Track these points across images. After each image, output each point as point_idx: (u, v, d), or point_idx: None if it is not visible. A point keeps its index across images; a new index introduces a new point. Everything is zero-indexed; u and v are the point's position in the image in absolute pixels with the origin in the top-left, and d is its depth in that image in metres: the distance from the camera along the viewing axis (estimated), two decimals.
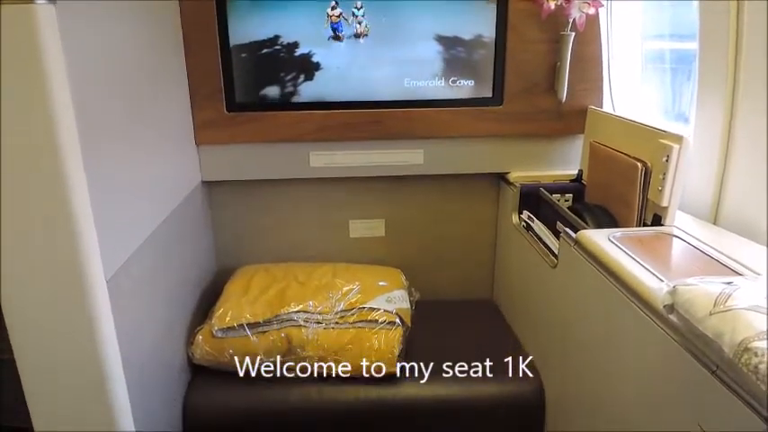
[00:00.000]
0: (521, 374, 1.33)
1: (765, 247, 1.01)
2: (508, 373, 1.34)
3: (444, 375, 1.32)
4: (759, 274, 0.86)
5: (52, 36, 0.73)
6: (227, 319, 1.30)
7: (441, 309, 1.64)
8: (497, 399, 1.30)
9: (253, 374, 1.30)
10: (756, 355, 0.58)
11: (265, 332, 1.29)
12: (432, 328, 1.51)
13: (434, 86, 1.49)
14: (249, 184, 1.59)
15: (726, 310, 0.64)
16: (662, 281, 0.85)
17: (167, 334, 1.20)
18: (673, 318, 0.76)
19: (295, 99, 1.48)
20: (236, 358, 1.28)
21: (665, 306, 0.75)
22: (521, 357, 1.40)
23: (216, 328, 1.29)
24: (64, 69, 0.75)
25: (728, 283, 0.70)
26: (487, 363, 1.38)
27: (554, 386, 1.27)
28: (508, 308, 1.62)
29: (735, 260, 0.93)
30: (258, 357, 1.28)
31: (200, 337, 1.29)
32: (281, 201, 1.63)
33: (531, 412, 1.31)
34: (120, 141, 0.96)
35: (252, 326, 1.29)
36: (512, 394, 1.30)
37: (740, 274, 0.87)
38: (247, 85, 1.46)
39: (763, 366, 0.57)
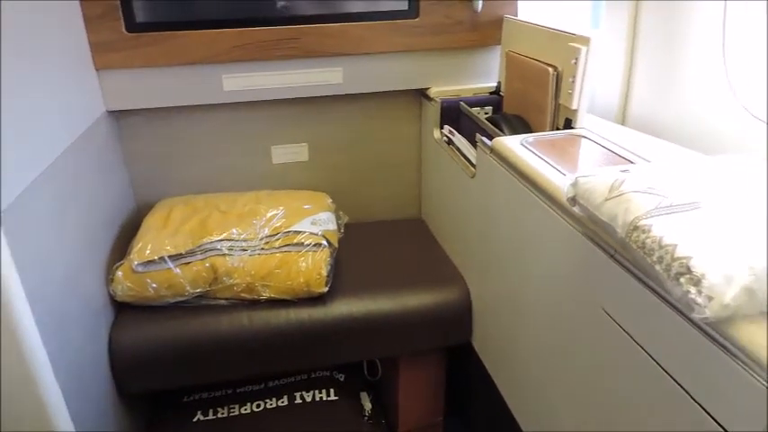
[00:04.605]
0: (447, 284, 1.39)
1: (668, 143, 1.06)
2: (436, 284, 1.39)
3: (374, 291, 1.35)
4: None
5: None
6: (147, 252, 1.26)
7: (370, 230, 1.66)
8: (426, 308, 1.34)
9: (180, 307, 1.29)
10: (644, 231, 0.61)
11: (189, 263, 1.27)
12: (361, 249, 1.52)
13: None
14: (161, 112, 1.50)
15: (619, 195, 0.67)
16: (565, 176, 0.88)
17: (84, 272, 1.15)
18: (576, 209, 0.79)
19: (203, 16, 1.38)
20: (160, 292, 1.25)
21: (568, 198, 0.78)
22: (447, 268, 1.45)
23: (136, 262, 1.25)
24: None
25: (624, 170, 0.73)
26: (416, 276, 1.43)
27: (478, 291, 1.32)
28: (435, 223, 1.65)
29: (637, 155, 0.97)
30: (184, 289, 1.26)
31: (119, 274, 1.25)
32: (197, 129, 1.56)
33: (459, 318, 1.36)
34: None
35: (174, 258, 1.26)
36: (440, 302, 1.35)
37: None
38: (149, 1, 1.35)
39: (649, 241, 0.60)
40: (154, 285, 1.25)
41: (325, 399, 1.49)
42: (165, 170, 1.57)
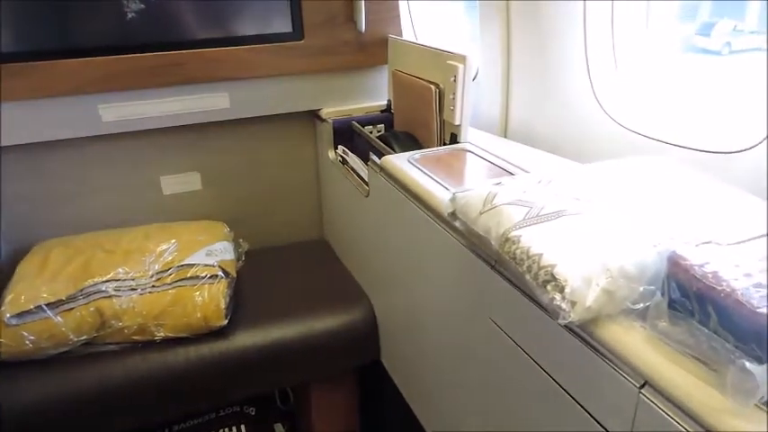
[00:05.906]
0: (352, 304, 1.38)
1: (544, 152, 1.12)
2: (341, 305, 1.38)
3: (278, 318, 1.32)
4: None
5: None
6: (22, 301, 1.15)
7: (273, 255, 1.62)
8: (332, 330, 1.32)
9: (64, 358, 1.18)
10: (514, 242, 0.64)
11: (71, 309, 1.17)
12: (263, 276, 1.48)
13: (234, 23, 1.40)
14: (32, 148, 1.38)
15: (491, 208, 0.70)
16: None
17: None
18: (457, 224, 0.81)
19: (71, 45, 1.30)
20: (40, 344, 1.15)
21: (448, 214, 0.80)
22: (352, 288, 1.44)
23: (8, 315, 1.13)
24: None
25: (497, 183, 0.76)
26: (320, 299, 1.41)
27: (383, 308, 1.32)
28: (337, 243, 1.64)
29: (516, 165, 1.02)
30: (67, 338, 1.16)
31: None
32: (75, 164, 1.46)
33: (365, 337, 1.36)
34: None
35: (52, 305, 1.16)
36: (345, 323, 1.34)
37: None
38: (12, 29, 1.25)
39: (519, 251, 0.62)
40: (31, 338, 1.14)
41: None
42: (42, 211, 1.45)
